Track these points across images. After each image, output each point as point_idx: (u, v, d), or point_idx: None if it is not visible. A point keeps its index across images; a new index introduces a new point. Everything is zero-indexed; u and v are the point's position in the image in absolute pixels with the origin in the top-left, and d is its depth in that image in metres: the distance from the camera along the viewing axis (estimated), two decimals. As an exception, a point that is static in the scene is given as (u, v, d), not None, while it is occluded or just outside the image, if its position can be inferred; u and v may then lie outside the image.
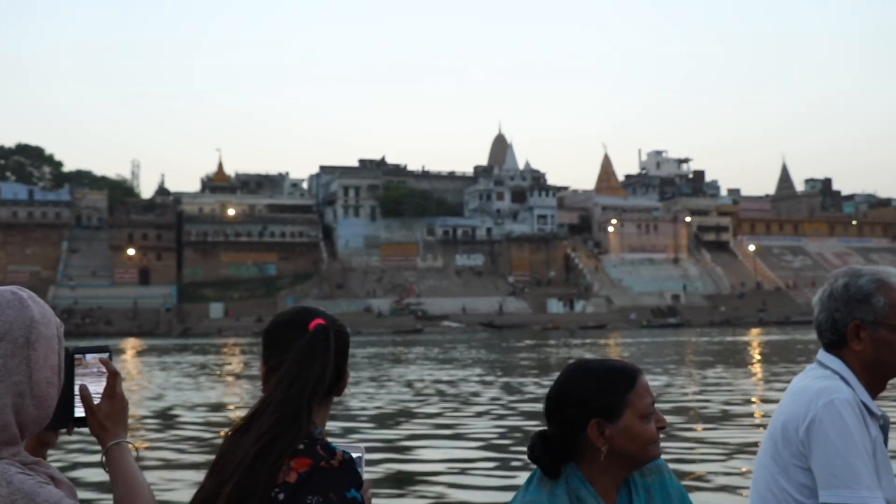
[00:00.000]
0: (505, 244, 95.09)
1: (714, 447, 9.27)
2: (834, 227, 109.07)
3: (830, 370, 2.09)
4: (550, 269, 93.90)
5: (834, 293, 2.10)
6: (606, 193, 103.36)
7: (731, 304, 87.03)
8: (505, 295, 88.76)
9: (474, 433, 10.89)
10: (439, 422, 12.17)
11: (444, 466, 8.40)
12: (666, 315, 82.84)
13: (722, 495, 6.95)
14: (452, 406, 14.20)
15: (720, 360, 26.13)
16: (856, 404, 2.00)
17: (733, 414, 12.51)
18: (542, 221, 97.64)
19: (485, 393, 16.54)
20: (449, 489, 7.38)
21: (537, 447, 1.85)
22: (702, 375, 19.82)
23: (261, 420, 1.62)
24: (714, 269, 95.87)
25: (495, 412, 13.13)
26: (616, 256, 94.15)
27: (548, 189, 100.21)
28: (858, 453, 1.93)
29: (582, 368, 1.90)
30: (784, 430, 2.05)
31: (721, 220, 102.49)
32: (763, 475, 2.11)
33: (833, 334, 2.11)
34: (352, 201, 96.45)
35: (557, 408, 1.87)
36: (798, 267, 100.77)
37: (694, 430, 10.81)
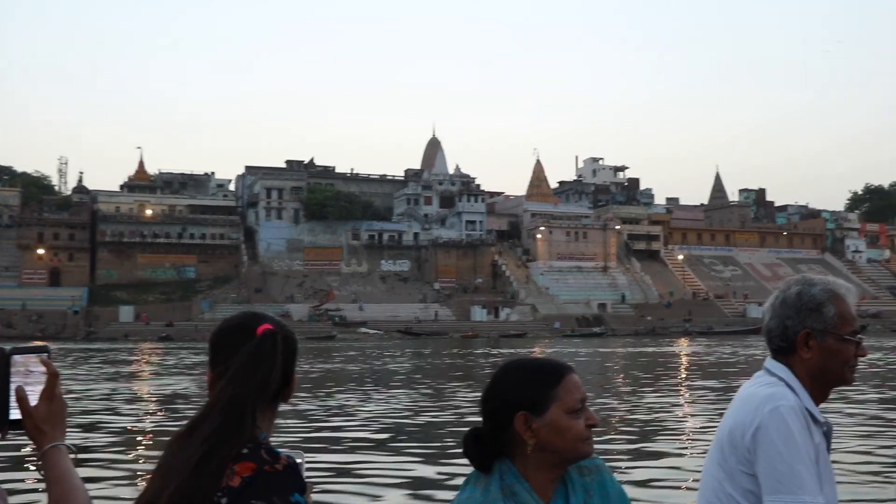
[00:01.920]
0: (432, 250, 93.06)
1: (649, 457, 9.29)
2: (765, 238, 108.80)
3: (777, 377, 2.15)
4: (477, 275, 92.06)
5: (787, 300, 2.15)
6: (537, 200, 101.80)
7: (658, 313, 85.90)
8: (429, 302, 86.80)
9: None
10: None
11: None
12: (591, 324, 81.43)
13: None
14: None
15: (633, 369, 26.04)
16: (800, 411, 2.06)
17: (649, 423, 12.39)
18: (470, 227, 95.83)
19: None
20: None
21: (468, 442, 1.90)
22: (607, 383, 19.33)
23: (205, 424, 1.59)
24: (643, 277, 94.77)
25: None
26: (544, 264, 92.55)
27: (477, 194, 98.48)
28: (802, 459, 2.00)
29: (514, 364, 1.95)
30: (731, 437, 2.11)
31: (652, 228, 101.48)
32: (710, 481, 2.16)
33: (783, 341, 2.17)
34: (274, 203, 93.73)
35: (487, 401, 1.92)
36: (728, 277, 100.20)
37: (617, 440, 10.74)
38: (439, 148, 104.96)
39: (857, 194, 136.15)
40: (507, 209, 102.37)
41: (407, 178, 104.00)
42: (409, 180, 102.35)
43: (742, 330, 73.76)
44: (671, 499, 7.14)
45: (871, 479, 7.96)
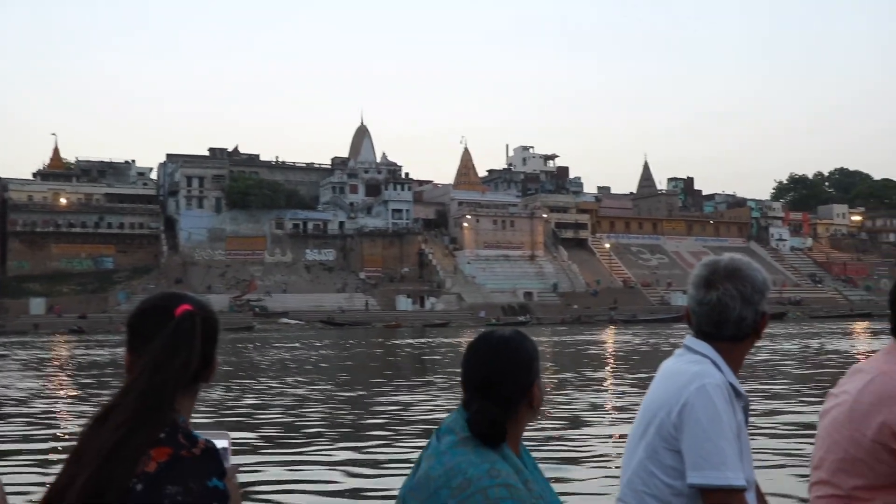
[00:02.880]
0: (357, 239, 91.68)
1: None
2: (692, 227, 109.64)
3: (701, 354, 2.17)
4: (404, 265, 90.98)
5: (756, 287, 2.18)
6: (465, 188, 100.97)
7: (584, 301, 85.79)
8: (354, 291, 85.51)
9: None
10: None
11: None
12: (517, 313, 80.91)
13: (592, 483, 7.19)
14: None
15: (557, 358, 25.72)
16: (726, 388, 2.09)
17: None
18: (397, 216, 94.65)
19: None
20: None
21: (494, 425, 1.93)
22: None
23: (120, 409, 1.55)
24: (570, 266, 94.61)
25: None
26: (471, 253, 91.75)
27: (404, 183, 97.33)
28: (726, 436, 2.03)
29: (518, 337, 2.05)
30: (655, 413, 2.13)
31: (580, 217, 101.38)
32: (632, 460, 2.19)
33: (748, 327, 2.19)
34: (195, 192, 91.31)
35: (507, 376, 1.98)
36: (655, 265, 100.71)
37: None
38: (366, 136, 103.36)
39: (782, 184, 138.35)
40: (434, 198, 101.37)
41: (334, 167, 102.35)
42: (336, 169, 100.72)
43: (666, 318, 73.89)
44: (595, 485, 7.16)
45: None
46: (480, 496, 1.80)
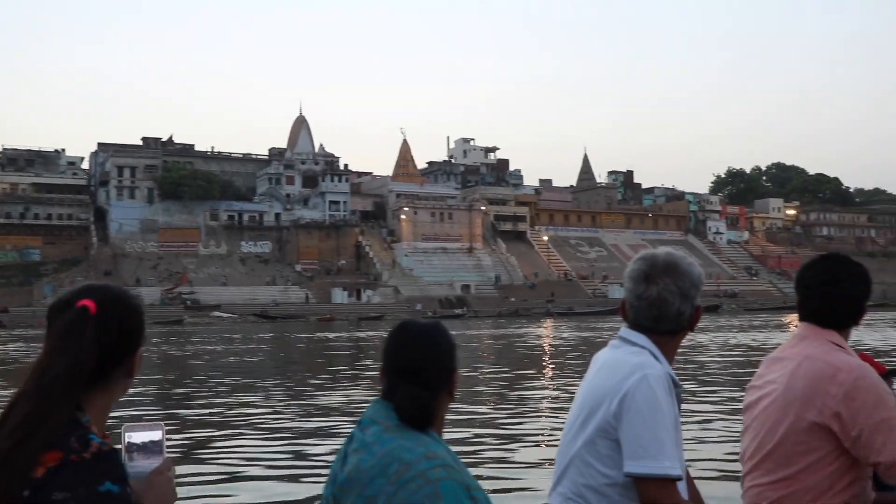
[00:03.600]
0: (294, 231, 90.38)
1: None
2: (630, 220, 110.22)
3: (639, 346, 2.19)
4: (341, 257, 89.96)
5: (693, 282, 2.21)
6: (404, 180, 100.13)
7: (522, 294, 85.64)
8: (290, 284, 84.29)
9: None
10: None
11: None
12: (454, 306, 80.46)
13: (529, 471, 7.17)
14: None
15: (490, 352, 25.59)
16: (666, 378, 2.12)
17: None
18: (334, 208, 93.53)
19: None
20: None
21: (424, 410, 1.94)
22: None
23: (13, 413, 1.47)
24: (508, 258, 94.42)
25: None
26: (408, 245, 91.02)
27: (341, 174, 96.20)
28: (665, 427, 2.06)
29: (433, 325, 2.07)
30: (595, 403, 2.15)
31: (519, 209, 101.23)
32: (570, 449, 2.20)
33: (685, 321, 2.23)
34: (127, 182, 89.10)
35: (432, 362, 1.99)
36: (593, 258, 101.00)
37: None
38: (304, 127, 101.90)
39: (720, 178, 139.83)
40: (372, 189, 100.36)
41: (271, 158, 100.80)
42: (273, 160, 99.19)
43: (602, 310, 73.97)
44: (530, 477, 7.02)
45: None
46: (421, 479, 1.80)
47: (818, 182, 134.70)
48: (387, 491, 1.81)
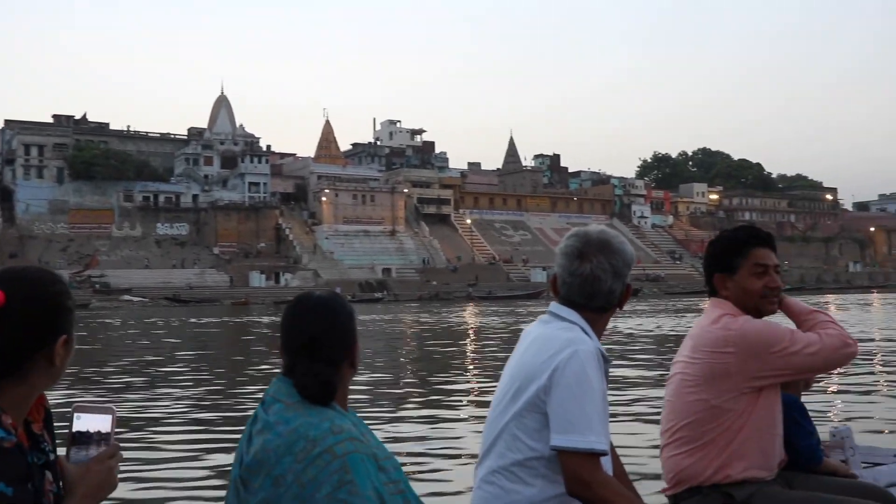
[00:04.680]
0: (212, 213, 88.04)
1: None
2: (556, 203, 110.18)
3: (569, 322, 2.21)
4: (260, 240, 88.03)
5: (625, 260, 2.24)
6: (326, 162, 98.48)
7: (444, 277, 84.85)
8: (207, 267, 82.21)
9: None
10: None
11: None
12: (374, 289, 79.32)
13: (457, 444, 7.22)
14: None
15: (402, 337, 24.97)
16: (596, 354, 2.15)
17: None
18: (254, 189, 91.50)
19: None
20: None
21: (328, 385, 1.92)
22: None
23: None
24: (431, 242, 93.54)
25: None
26: (329, 228, 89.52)
27: (261, 155, 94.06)
28: (594, 402, 2.08)
29: (331, 297, 2.05)
30: (526, 378, 2.15)
31: (443, 192, 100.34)
32: (498, 422, 2.21)
33: (610, 300, 2.24)
34: (34, 161, 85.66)
35: (331, 336, 1.97)
36: (518, 241, 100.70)
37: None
38: (224, 106, 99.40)
39: (646, 162, 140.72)
40: (293, 171, 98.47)
41: (190, 138, 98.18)
42: (192, 140, 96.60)
43: (522, 294, 73.60)
44: (454, 467, 6.67)
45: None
46: (328, 455, 1.78)
47: (741, 168, 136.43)
48: (295, 469, 1.78)
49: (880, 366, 13.20)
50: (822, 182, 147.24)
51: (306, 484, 1.76)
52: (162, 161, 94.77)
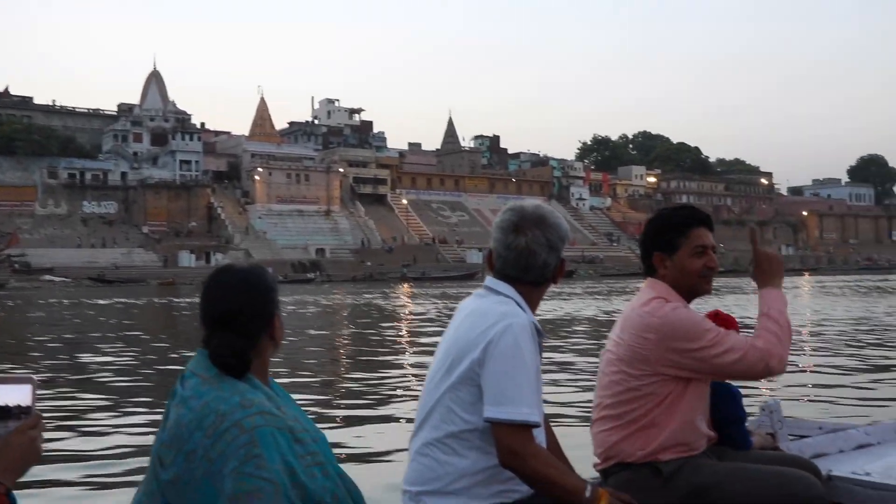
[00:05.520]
0: (141, 191, 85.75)
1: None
2: (494, 184, 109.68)
3: (504, 296, 2.23)
4: (191, 219, 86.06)
5: (560, 235, 2.27)
6: (261, 140, 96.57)
7: (379, 258, 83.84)
8: (135, 246, 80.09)
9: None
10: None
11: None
12: (307, 270, 78.02)
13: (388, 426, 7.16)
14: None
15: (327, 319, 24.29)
16: (530, 328, 2.17)
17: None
18: (185, 167, 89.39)
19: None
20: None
21: (240, 355, 1.89)
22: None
23: None
24: (367, 222, 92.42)
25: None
26: (263, 207, 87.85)
27: (193, 132, 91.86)
28: (527, 374, 2.10)
29: (249, 269, 2.02)
30: (461, 351, 2.17)
31: (380, 172, 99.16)
32: (433, 395, 2.22)
33: (544, 274, 2.27)
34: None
35: (248, 307, 1.94)
36: (455, 222, 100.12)
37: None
38: (155, 82, 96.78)
39: (586, 145, 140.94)
40: (227, 149, 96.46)
41: (120, 114, 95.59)
42: (121, 116, 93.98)
43: (457, 275, 72.90)
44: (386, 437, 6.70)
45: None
46: (236, 429, 1.77)
47: (680, 151, 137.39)
48: (204, 444, 1.76)
49: (809, 346, 13.62)
50: (759, 167, 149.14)
51: (215, 459, 1.75)
52: (90, 137, 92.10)
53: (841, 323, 17.82)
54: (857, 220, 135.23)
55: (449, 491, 2.17)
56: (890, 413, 6.82)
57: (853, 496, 2.86)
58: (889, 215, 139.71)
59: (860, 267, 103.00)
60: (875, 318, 19.37)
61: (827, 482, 2.80)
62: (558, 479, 2.11)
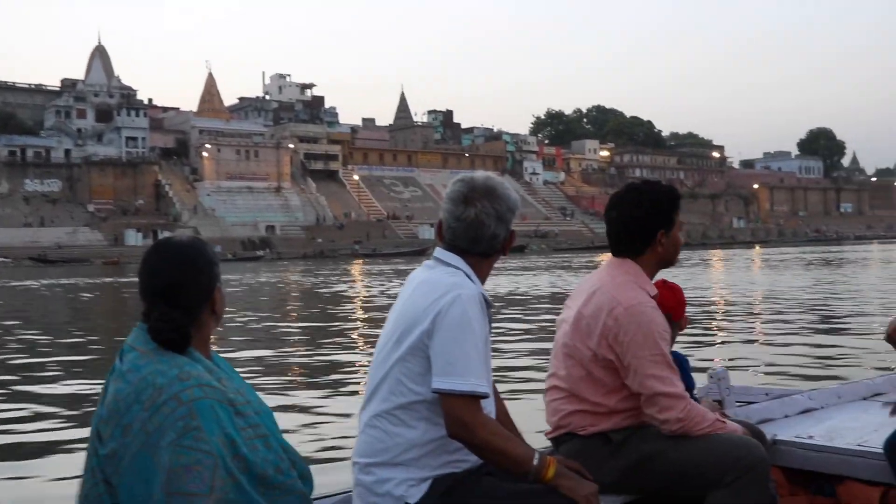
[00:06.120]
0: (85, 168, 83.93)
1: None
2: (447, 159, 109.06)
3: (454, 267, 2.23)
4: (138, 196, 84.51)
5: (509, 206, 2.26)
6: (209, 116, 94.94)
7: (330, 235, 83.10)
8: (80, 225, 78.48)
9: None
10: None
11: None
12: (257, 247, 77.14)
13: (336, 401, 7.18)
14: None
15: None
16: (479, 299, 2.16)
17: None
18: (131, 144, 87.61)
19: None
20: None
21: (179, 329, 1.87)
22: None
23: None
24: (318, 198, 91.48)
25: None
26: (211, 184, 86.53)
27: (139, 108, 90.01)
28: (476, 345, 2.10)
29: (189, 242, 1.98)
30: (410, 322, 2.17)
31: (331, 148, 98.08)
32: (382, 367, 2.21)
33: (493, 245, 2.26)
34: None
35: (187, 281, 1.91)
36: (408, 198, 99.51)
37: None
38: (99, 56, 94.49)
39: (539, 119, 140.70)
40: (175, 125, 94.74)
41: (63, 90, 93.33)
42: (65, 91, 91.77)
43: (408, 251, 72.49)
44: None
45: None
46: (173, 402, 1.77)
47: (633, 125, 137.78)
48: (141, 417, 1.74)
49: (758, 317, 14.10)
50: (712, 140, 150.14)
51: (151, 432, 1.75)
52: (31, 114, 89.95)
53: (788, 293, 18.42)
54: (806, 192, 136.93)
55: (398, 462, 2.16)
56: (834, 378, 7.04)
57: (796, 458, 3.02)
58: (837, 187, 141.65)
59: (808, 239, 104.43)
60: (819, 288, 20.18)
61: (772, 446, 2.95)
62: (506, 449, 2.12)
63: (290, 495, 1.93)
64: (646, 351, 2.46)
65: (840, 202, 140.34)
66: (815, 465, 3.00)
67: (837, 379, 6.65)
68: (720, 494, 2.45)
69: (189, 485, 1.71)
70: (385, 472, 2.18)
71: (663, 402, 2.47)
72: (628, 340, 2.46)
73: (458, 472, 2.19)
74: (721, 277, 28.01)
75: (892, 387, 3.94)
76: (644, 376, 2.46)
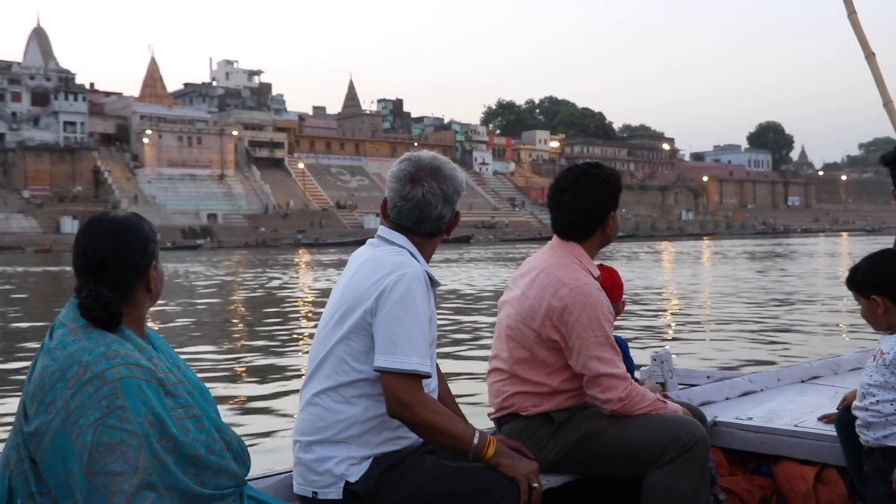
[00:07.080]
0: (20, 153, 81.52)
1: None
2: (396, 148, 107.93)
3: (398, 246, 2.24)
4: (76, 183, 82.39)
5: (455, 187, 2.27)
6: (152, 101, 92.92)
7: (274, 224, 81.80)
8: (14, 212, 76.27)
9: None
10: None
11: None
12: (198, 236, 75.59)
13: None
14: None
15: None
16: (424, 278, 2.17)
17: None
18: (69, 129, 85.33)
19: None
20: None
21: (108, 306, 1.83)
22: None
23: None
24: (262, 187, 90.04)
25: None
26: (152, 171, 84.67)
27: (77, 92, 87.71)
28: (419, 324, 2.11)
29: (125, 218, 1.93)
30: (354, 300, 2.17)
31: (277, 136, 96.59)
32: (325, 345, 2.21)
33: (439, 225, 2.27)
34: None
35: (121, 257, 1.86)
36: (354, 187, 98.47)
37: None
38: (37, 38, 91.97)
39: (490, 109, 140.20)
40: (115, 111, 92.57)
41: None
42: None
43: (353, 241, 71.47)
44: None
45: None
46: (98, 381, 1.73)
47: (584, 116, 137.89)
48: (65, 395, 1.71)
49: (704, 303, 14.69)
50: (664, 133, 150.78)
51: (73, 410, 1.72)
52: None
53: (733, 283, 19.59)
54: (755, 185, 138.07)
55: (339, 440, 2.16)
56: (773, 362, 7.45)
57: (735, 439, 3.12)
58: (785, 181, 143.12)
59: (756, 231, 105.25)
60: (760, 279, 21.36)
61: (712, 427, 3.05)
62: (446, 427, 2.13)
63: (222, 475, 1.89)
64: (590, 332, 2.45)
65: (788, 195, 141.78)
66: (753, 446, 3.09)
67: (777, 364, 6.87)
68: (660, 473, 2.44)
69: (112, 464, 1.68)
70: (326, 451, 2.16)
71: (606, 382, 2.46)
72: (573, 321, 2.45)
73: (400, 449, 2.19)
74: (669, 267, 29.18)
75: (828, 370, 4.07)
76: (587, 357, 2.46)
